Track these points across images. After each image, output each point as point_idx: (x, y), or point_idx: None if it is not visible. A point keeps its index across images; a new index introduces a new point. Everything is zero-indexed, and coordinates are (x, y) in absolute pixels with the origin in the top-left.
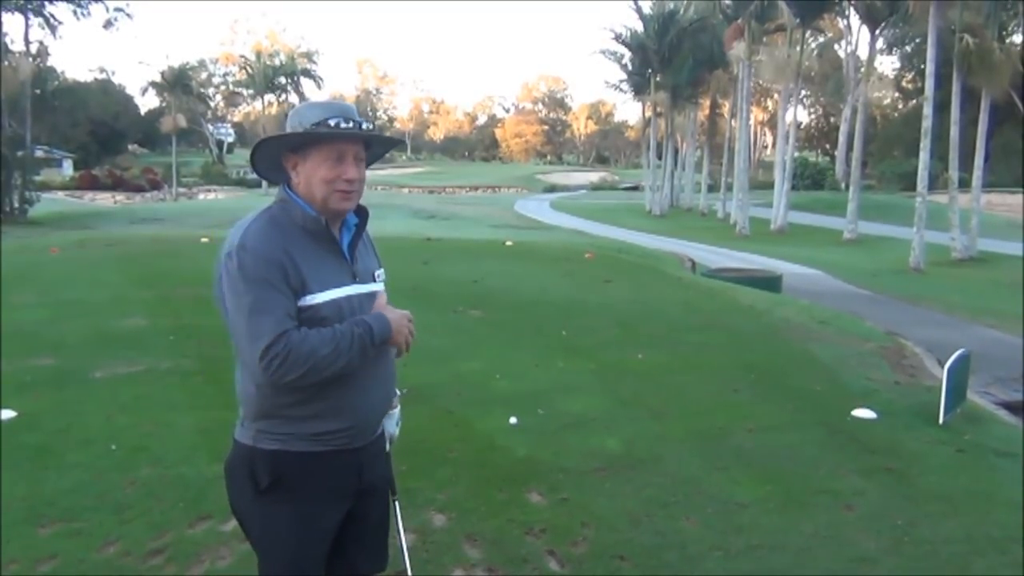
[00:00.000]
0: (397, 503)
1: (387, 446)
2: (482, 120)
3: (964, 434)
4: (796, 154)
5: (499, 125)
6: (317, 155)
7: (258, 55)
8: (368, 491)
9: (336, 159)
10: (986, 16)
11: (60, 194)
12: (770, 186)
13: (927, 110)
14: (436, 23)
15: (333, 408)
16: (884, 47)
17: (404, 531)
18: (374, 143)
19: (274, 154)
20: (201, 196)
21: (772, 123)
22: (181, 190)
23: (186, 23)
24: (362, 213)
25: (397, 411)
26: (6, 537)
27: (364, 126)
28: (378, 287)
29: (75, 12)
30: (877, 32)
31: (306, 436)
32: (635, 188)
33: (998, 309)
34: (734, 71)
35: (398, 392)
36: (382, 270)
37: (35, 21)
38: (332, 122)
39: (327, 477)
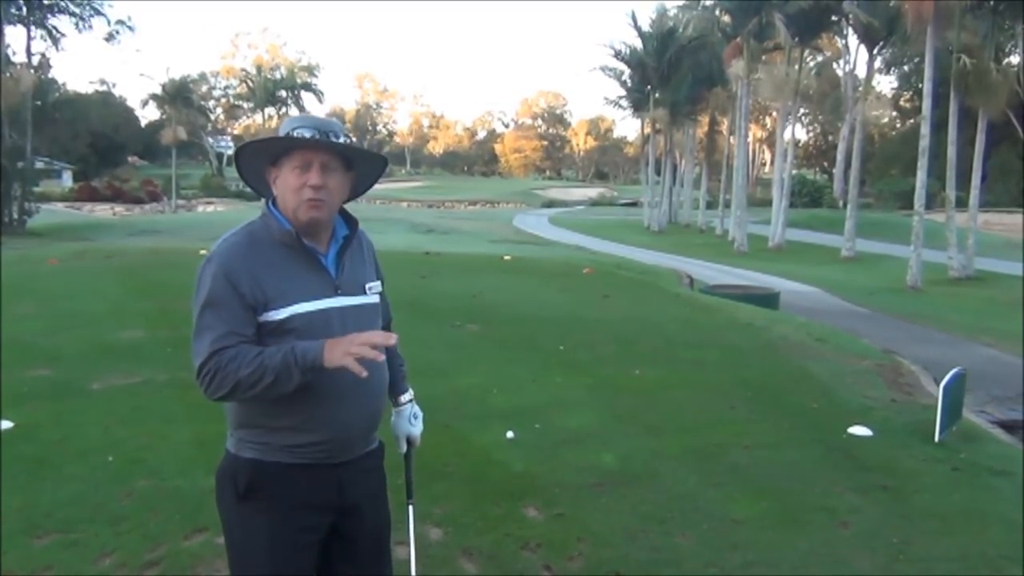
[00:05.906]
0: (412, 507)
1: (402, 446)
2: (481, 135)
3: (960, 452)
4: (794, 172)
5: (498, 140)
6: (287, 165)
7: (259, 69)
8: (352, 510)
9: (302, 167)
10: (983, 37)
11: (59, 205)
12: (768, 203)
13: (924, 129)
14: (436, 39)
15: (309, 421)
16: (882, 66)
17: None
18: (359, 161)
19: (258, 168)
20: (200, 208)
21: (770, 141)
22: (180, 202)
23: (187, 37)
24: (352, 224)
25: (408, 408)
26: (3, 548)
27: (340, 139)
28: (369, 300)
29: (77, 25)
30: (875, 52)
31: (281, 447)
32: (634, 204)
33: (995, 328)
34: (733, 89)
35: (408, 389)
36: (378, 283)
37: (37, 33)
38: (296, 132)
39: (303, 490)
